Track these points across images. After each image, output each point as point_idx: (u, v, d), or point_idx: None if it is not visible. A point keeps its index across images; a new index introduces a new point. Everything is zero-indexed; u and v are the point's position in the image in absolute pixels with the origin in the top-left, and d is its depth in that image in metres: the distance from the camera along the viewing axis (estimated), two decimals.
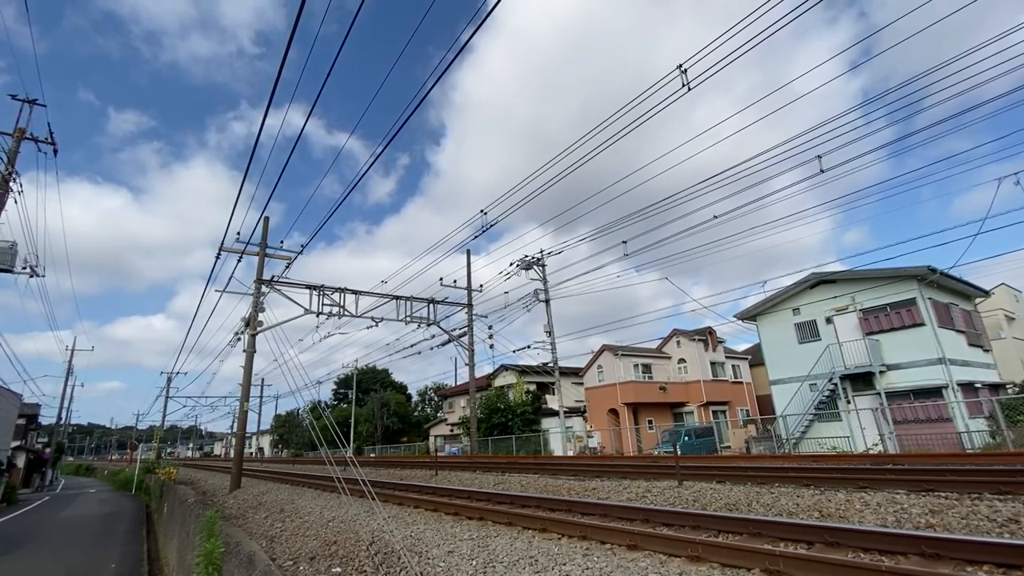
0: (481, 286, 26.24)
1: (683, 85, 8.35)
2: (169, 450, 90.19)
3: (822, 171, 12.63)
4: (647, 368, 34.67)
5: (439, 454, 29.79)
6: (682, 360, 35.81)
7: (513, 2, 6.54)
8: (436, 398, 61.29)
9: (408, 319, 21.55)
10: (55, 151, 17.96)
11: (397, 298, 21.28)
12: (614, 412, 32.86)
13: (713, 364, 35.70)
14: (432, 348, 27.10)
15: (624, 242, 18.65)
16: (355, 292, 19.75)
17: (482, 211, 15.56)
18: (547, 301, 25.40)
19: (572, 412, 35.28)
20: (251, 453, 73.72)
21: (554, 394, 29.95)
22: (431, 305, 22.52)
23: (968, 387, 19.67)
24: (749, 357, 38.31)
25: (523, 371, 38.20)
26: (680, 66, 8.28)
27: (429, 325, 22.58)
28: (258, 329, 17.20)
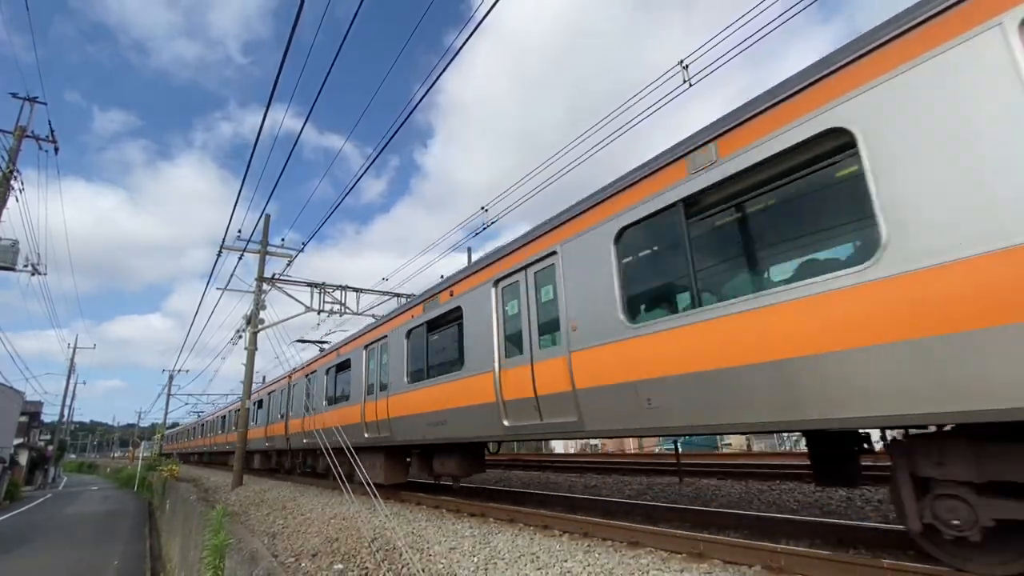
0: None
1: (684, 81, 8.31)
2: None
3: None
4: None
5: None
6: None
7: (497, 5, 6.66)
8: None
9: None
10: (56, 149, 17.97)
11: (398, 295, 21.27)
12: None
13: None
14: None
15: None
16: (356, 290, 19.74)
17: (483, 208, 15.53)
18: None
19: None
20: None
21: None
22: None
23: None
24: None
25: None
26: (681, 62, 8.23)
27: None
28: (260, 327, 17.21)
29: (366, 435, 10.77)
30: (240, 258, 17.81)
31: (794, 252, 4.28)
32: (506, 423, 6.68)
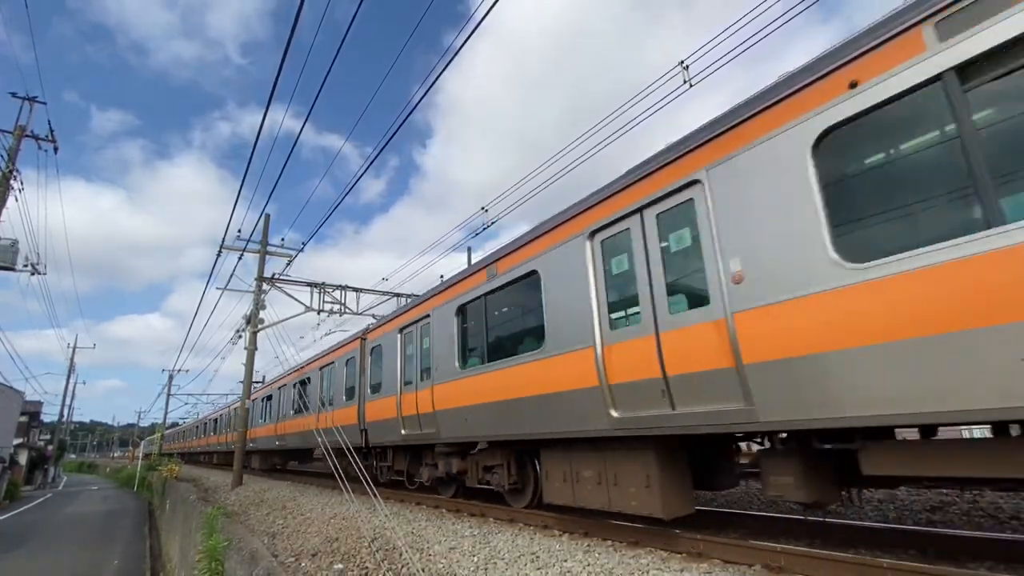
0: None
1: (685, 81, 8.31)
2: None
3: None
4: None
5: None
6: None
7: (497, 5, 6.65)
8: None
9: None
10: (55, 149, 17.96)
11: (398, 295, 21.26)
12: None
13: None
14: None
15: None
16: (356, 289, 19.74)
17: (483, 208, 15.54)
18: None
19: None
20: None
21: None
22: None
23: None
24: None
25: None
26: (682, 62, 8.23)
27: None
28: (260, 327, 17.21)
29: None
30: (240, 258, 17.81)
31: None
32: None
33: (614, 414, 5.35)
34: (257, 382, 24.74)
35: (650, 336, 5.04)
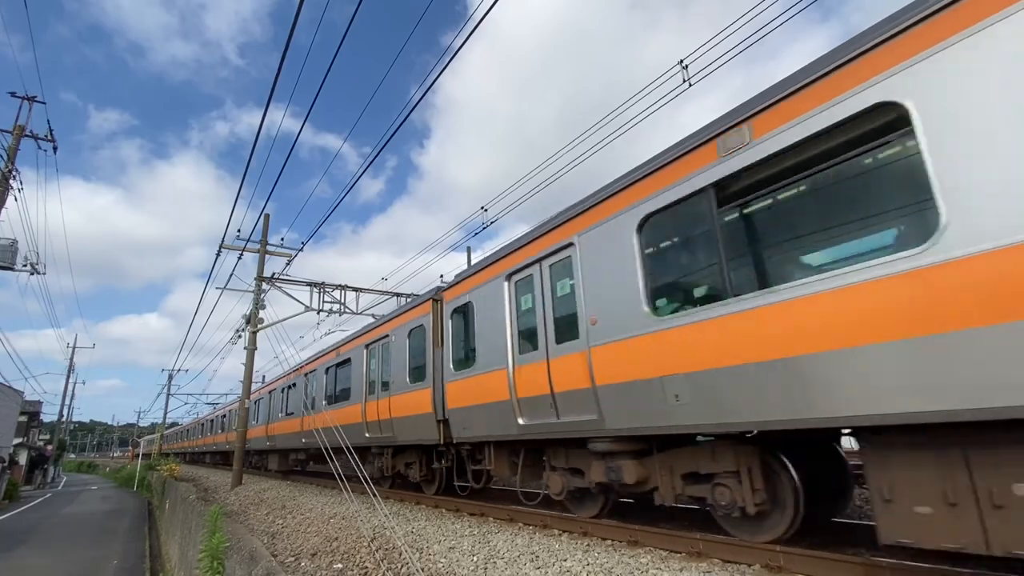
0: None
1: (684, 81, 8.30)
2: None
3: None
4: None
5: None
6: None
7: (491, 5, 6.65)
8: None
9: None
10: (55, 148, 17.93)
11: (397, 295, 21.25)
12: None
13: None
14: None
15: None
16: (355, 289, 19.72)
17: (483, 208, 15.52)
18: None
19: None
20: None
21: None
22: None
23: None
24: None
25: None
26: (681, 61, 8.22)
27: None
28: (259, 326, 17.19)
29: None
30: (240, 257, 17.79)
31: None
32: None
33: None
34: (257, 382, 26.00)
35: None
